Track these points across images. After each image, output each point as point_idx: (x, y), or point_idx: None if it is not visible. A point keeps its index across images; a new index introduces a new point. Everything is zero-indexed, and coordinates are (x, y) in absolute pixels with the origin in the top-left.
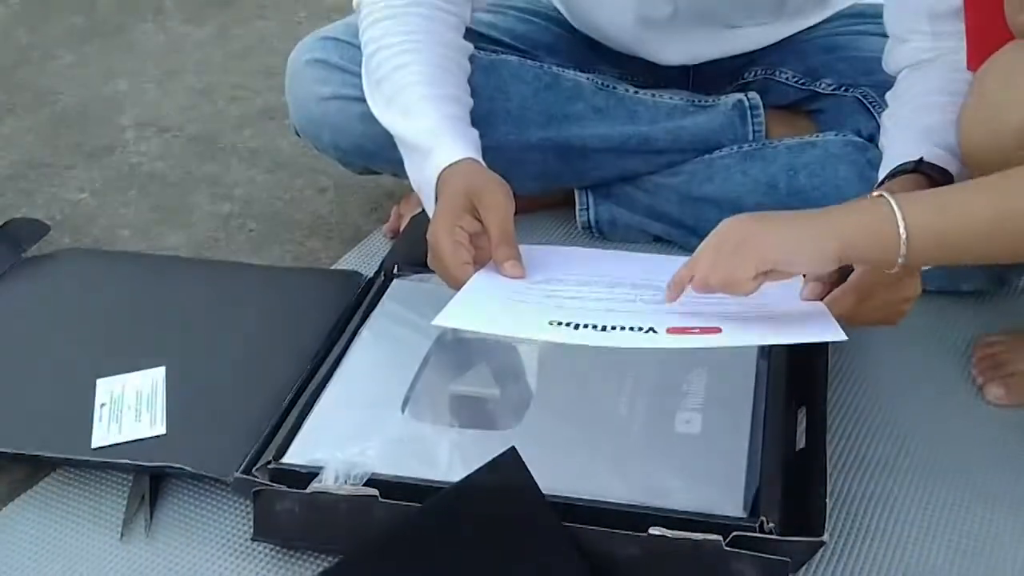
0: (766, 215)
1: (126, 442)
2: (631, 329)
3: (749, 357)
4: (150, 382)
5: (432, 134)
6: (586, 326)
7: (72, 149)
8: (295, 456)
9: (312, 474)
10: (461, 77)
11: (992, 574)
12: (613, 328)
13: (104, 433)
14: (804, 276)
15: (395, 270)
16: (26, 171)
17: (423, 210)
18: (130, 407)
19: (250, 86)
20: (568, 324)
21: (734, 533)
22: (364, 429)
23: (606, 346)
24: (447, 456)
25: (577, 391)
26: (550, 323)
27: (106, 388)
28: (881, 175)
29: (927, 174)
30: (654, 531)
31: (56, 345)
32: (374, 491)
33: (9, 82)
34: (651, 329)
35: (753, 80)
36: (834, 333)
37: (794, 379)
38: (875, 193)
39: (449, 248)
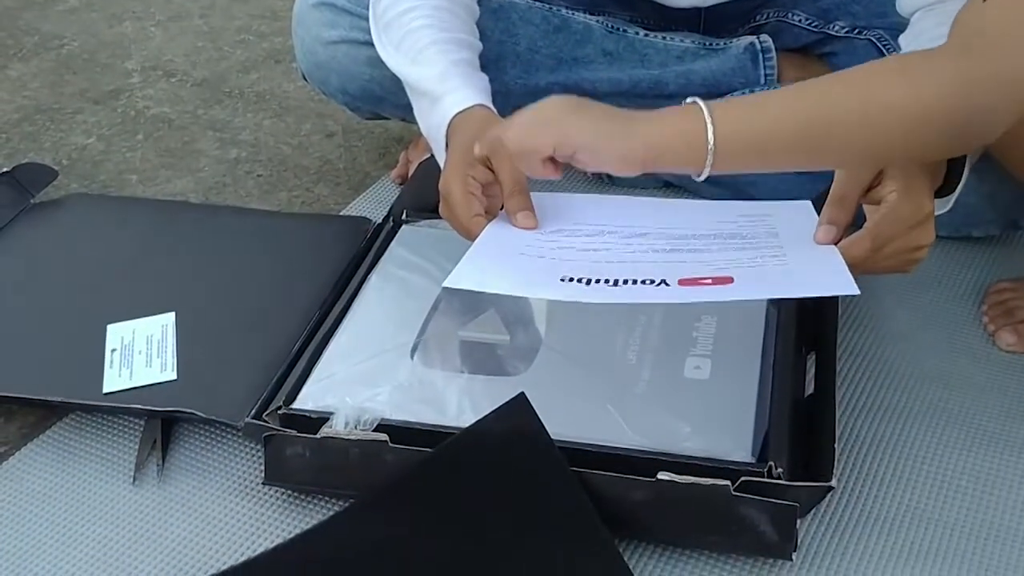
0: (589, 104)
1: (137, 387)
2: (643, 282)
3: (759, 303)
4: (160, 328)
5: (441, 80)
6: (598, 281)
7: (78, 94)
8: (305, 401)
9: (322, 419)
10: (470, 20)
11: (1000, 519)
12: (625, 282)
13: (115, 378)
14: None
15: (403, 216)
16: (33, 116)
17: (431, 155)
18: (141, 353)
19: (256, 29)
20: (580, 280)
21: (742, 478)
22: (374, 375)
23: (619, 302)
24: (456, 402)
25: (586, 336)
26: (562, 279)
27: (116, 334)
28: None
29: None
30: (662, 476)
31: (65, 291)
32: (384, 436)
33: (14, 26)
34: (663, 281)
35: (765, 23)
36: (847, 286)
37: (803, 324)
38: (689, 100)
39: (462, 199)
